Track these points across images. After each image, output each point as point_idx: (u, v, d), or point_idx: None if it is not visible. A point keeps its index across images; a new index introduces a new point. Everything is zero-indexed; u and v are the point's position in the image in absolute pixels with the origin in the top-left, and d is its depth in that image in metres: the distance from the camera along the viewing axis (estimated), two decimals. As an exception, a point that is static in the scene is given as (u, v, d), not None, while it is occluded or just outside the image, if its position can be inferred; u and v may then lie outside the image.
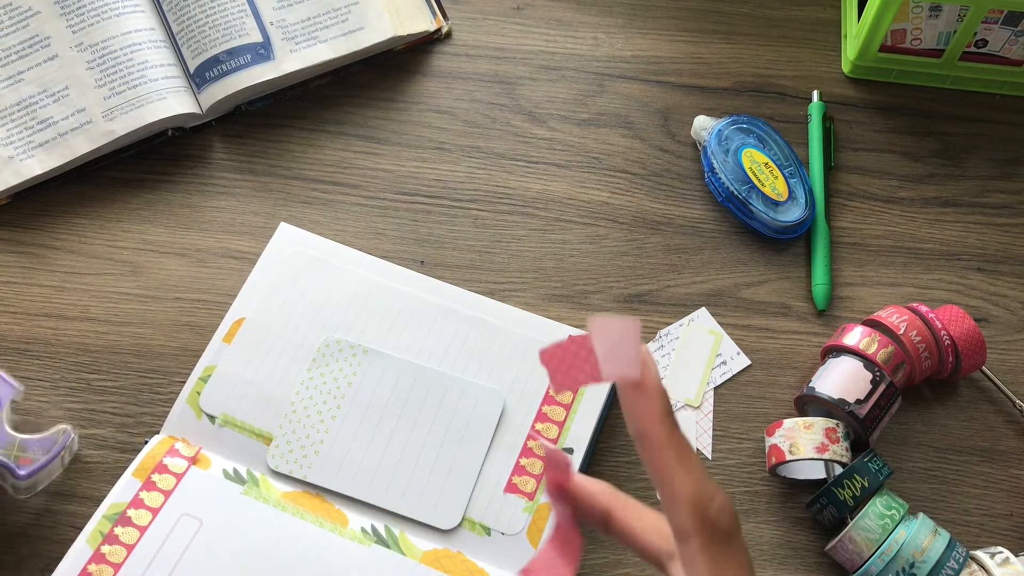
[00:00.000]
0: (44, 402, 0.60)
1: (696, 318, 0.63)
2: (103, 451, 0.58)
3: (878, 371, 0.56)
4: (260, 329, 0.60)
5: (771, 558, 0.57)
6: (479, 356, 0.58)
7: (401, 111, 0.69)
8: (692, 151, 0.68)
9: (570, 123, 0.69)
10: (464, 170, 0.67)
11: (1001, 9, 0.64)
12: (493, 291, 0.63)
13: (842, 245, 0.65)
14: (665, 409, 0.29)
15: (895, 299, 0.63)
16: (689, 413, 0.60)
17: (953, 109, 0.70)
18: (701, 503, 0.28)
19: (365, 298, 0.60)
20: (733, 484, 0.58)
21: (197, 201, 0.66)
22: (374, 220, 0.66)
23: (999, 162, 0.68)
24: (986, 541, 0.57)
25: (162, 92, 0.65)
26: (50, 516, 0.56)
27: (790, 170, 0.66)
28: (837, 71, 0.71)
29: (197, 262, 0.64)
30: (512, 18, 0.73)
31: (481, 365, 0.59)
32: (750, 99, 0.70)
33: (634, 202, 0.67)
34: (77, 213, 0.65)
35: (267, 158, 0.68)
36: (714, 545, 0.28)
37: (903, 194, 0.67)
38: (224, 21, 0.66)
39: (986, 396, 0.61)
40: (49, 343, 0.61)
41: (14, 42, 0.65)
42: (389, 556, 0.53)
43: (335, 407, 0.57)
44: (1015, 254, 0.65)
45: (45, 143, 0.64)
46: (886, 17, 0.66)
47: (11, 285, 0.63)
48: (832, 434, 0.55)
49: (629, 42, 0.72)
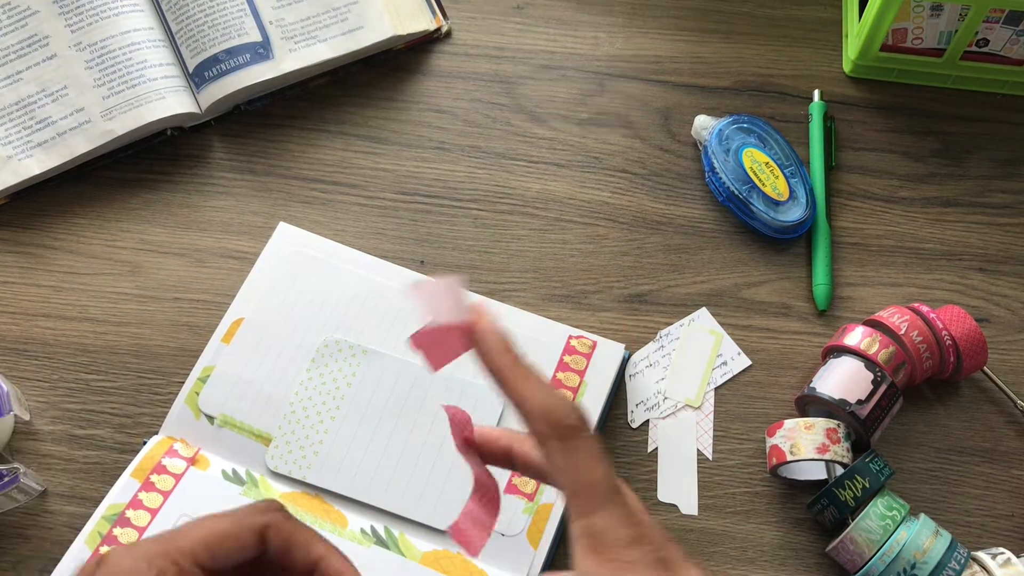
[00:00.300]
0: (42, 402, 0.60)
1: (696, 318, 0.63)
2: (102, 452, 0.58)
3: (879, 371, 0.56)
4: (259, 329, 0.59)
5: (772, 559, 0.57)
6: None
7: (401, 111, 0.69)
8: (692, 151, 0.68)
9: (570, 123, 0.69)
10: (464, 170, 0.67)
11: (1002, 9, 0.64)
12: (493, 291, 0.63)
13: (843, 245, 0.65)
14: (504, 344, 0.34)
15: (896, 299, 0.63)
16: (689, 413, 0.60)
17: (954, 109, 0.70)
18: (549, 410, 0.33)
19: (365, 298, 0.60)
20: (734, 484, 0.58)
21: (196, 201, 0.66)
22: (374, 220, 0.65)
23: (1000, 162, 0.68)
24: (987, 542, 0.57)
25: (161, 92, 0.65)
26: (49, 517, 0.56)
27: (791, 170, 0.66)
28: (838, 70, 0.71)
29: (196, 262, 0.64)
30: (512, 18, 0.73)
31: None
32: (751, 99, 0.70)
33: (634, 202, 0.66)
34: (76, 213, 0.65)
35: (266, 158, 0.68)
36: (566, 440, 0.33)
37: (904, 194, 0.67)
38: (223, 20, 0.66)
39: (987, 396, 0.61)
40: (47, 343, 0.61)
41: (13, 41, 0.65)
42: (388, 557, 0.53)
43: (334, 407, 0.57)
44: (1016, 254, 0.65)
45: (44, 143, 0.64)
46: (887, 16, 0.66)
47: (9, 285, 0.63)
48: (833, 435, 0.55)
49: (629, 41, 0.72)
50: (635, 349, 0.62)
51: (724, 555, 0.56)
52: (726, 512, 0.58)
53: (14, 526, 0.56)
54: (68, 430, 0.59)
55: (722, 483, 0.58)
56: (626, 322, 0.63)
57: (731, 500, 0.58)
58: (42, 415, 0.59)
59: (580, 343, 0.59)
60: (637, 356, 0.61)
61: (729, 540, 0.57)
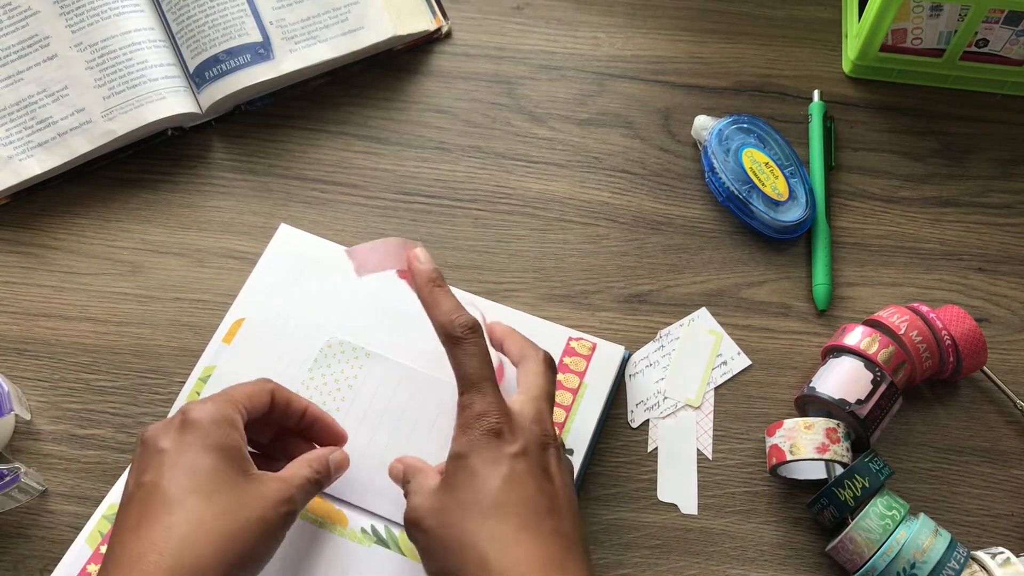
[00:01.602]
0: (43, 402, 0.60)
1: (696, 318, 0.63)
2: (102, 451, 0.58)
3: (879, 371, 0.56)
4: (260, 330, 0.59)
5: (771, 559, 0.57)
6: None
7: (401, 111, 0.69)
8: (692, 151, 0.68)
9: (570, 123, 0.69)
10: (464, 170, 0.67)
11: (1002, 9, 0.64)
12: (493, 291, 0.63)
13: (843, 245, 0.65)
14: (428, 277, 0.49)
15: (896, 299, 0.63)
16: (689, 413, 0.60)
17: (954, 109, 0.70)
18: (444, 323, 0.47)
19: (365, 300, 0.60)
20: (733, 484, 0.58)
21: (196, 201, 0.66)
22: (374, 220, 0.66)
23: (1000, 162, 0.68)
24: (987, 541, 0.57)
25: (161, 92, 0.65)
26: (49, 516, 0.56)
27: (791, 170, 0.66)
28: (838, 71, 0.71)
29: (196, 262, 0.64)
30: (512, 18, 0.73)
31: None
32: (750, 99, 0.70)
33: (634, 202, 0.66)
34: (76, 213, 0.65)
35: (267, 158, 0.68)
36: (454, 345, 0.47)
37: (904, 194, 0.67)
38: (224, 21, 0.66)
39: (987, 396, 0.61)
40: (48, 343, 0.61)
41: (13, 42, 0.65)
42: (389, 556, 0.53)
43: (335, 409, 0.57)
44: (1016, 254, 0.65)
45: (44, 143, 0.64)
46: (887, 17, 0.66)
47: (10, 285, 0.63)
48: (833, 434, 0.55)
49: (629, 42, 0.72)
50: (635, 349, 0.62)
51: (724, 554, 0.57)
52: (726, 512, 0.58)
53: (14, 526, 0.56)
54: (69, 430, 0.59)
55: (722, 483, 0.58)
56: (626, 322, 0.63)
57: (731, 500, 0.58)
58: (43, 415, 0.59)
59: (580, 345, 0.59)
60: (637, 356, 0.61)
61: (729, 539, 0.57)
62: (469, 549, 0.43)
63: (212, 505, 0.44)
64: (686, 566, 0.56)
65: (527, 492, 0.45)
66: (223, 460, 0.46)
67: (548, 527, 0.44)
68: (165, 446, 0.46)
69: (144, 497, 0.45)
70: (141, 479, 0.46)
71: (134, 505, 0.45)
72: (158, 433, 0.47)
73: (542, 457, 0.46)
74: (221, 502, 0.45)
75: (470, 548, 0.43)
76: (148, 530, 0.43)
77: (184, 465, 0.45)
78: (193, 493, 0.44)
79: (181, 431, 0.46)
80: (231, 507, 0.45)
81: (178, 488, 0.44)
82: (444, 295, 0.48)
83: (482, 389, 0.46)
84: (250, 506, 0.45)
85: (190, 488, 0.44)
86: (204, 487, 0.45)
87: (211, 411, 0.47)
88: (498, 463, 0.45)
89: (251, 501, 0.45)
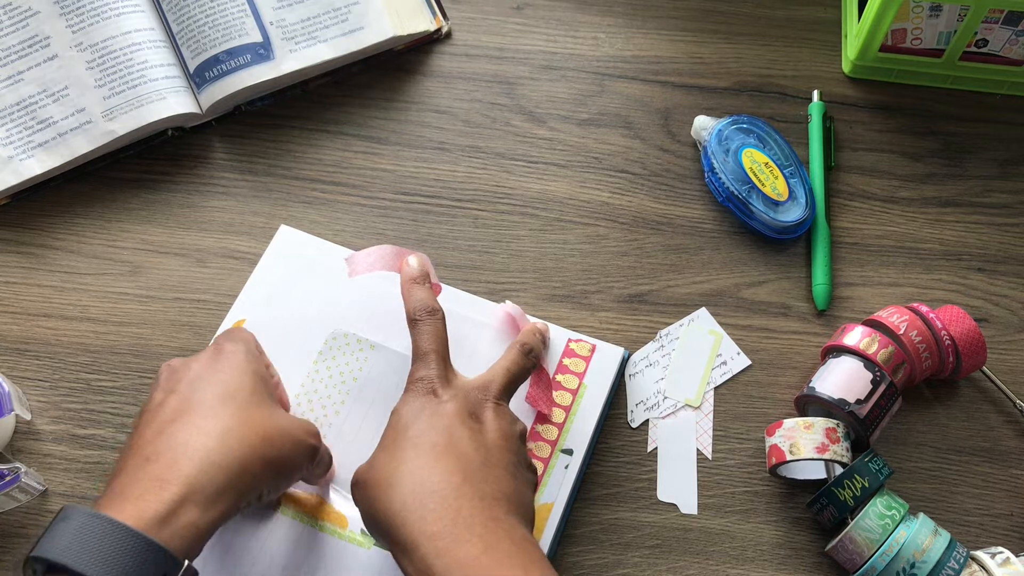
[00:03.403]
0: (44, 402, 0.60)
1: (696, 318, 0.63)
2: (103, 451, 0.58)
3: (878, 371, 0.56)
4: (260, 330, 0.59)
5: (771, 558, 0.57)
6: (480, 357, 0.58)
7: (401, 111, 0.69)
8: (692, 151, 0.68)
9: (570, 123, 0.69)
10: (464, 170, 0.67)
11: (1002, 9, 0.64)
12: (493, 291, 0.63)
13: (842, 245, 0.65)
14: (412, 276, 0.53)
15: (895, 299, 0.63)
16: (689, 413, 0.60)
17: (953, 109, 0.70)
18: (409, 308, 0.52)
19: (365, 300, 0.60)
20: (733, 484, 0.58)
21: (197, 201, 0.66)
22: (374, 220, 0.66)
23: (1000, 162, 0.68)
24: (986, 541, 0.57)
25: (162, 92, 0.65)
26: (50, 516, 0.56)
27: (790, 170, 0.66)
28: (837, 71, 0.71)
29: (197, 262, 0.64)
30: (512, 18, 0.73)
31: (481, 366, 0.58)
32: (750, 99, 0.70)
33: (634, 202, 0.67)
34: (77, 213, 0.65)
35: (267, 158, 0.68)
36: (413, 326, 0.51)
37: (903, 194, 0.67)
38: (224, 21, 0.66)
39: (986, 396, 0.61)
40: (49, 343, 0.61)
41: (14, 42, 0.65)
42: (389, 557, 0.53)
43: (339, 402, 0.57)
44: (1015, 254, 0.65)
45: (45, 143, 0.64)
46: (886, 17, 0.66)
47: (10, 285, 0.63)
48: (832, 434, 0.55)
49: (629, 42, 0.72)
50: (635, 349, 0.62)
51: (723, 554, 0.57)
52: (726, 511, 0.58)
53: (15, 526, 0.56)
54: (69, 430, 0.59)
55: (722, 482, 0.58)
56: (626, 322, 0.63)
57: (730, 499, 0.58)
58: (43, 415, 0.59)
59: (579, 346, 0.59)
60: (637, 356, 0.62)
61: (728, 539, 0.57)
62: (395, 487, 0.45)
63: (247, 413, 0.46)
64: (685, 566, 0.56)
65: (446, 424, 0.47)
66: (259, 383, 0.48)
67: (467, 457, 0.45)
68: (197, 368, 0.48)
69: (177, 405, 0.46)
70: (174, 387, 0.47)
71: (165, 410, 0.45)
72: (188, 360, 0.49)
73: (470, 403, 0.49)
74: (255, 413, 0.46)
75: (396, 486, 0.45)
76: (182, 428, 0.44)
77: (219, 380, 0.47)
78: (228, 402, 0.46)
79: (215, 358, 0.49)
80: (264, 418, 0.46)
81: (212, 397, 0.46)
82: (419, 290, 0.53)
83: (427, 360, 0.50)
84: (283, 423, 0.47)
85: (224, 398, 0.46)
86: (239, 399, 0.46)
87: (244, 344, 0.51)
88: (424, 409, 0.48)
89: (284, 420, 0.48)
